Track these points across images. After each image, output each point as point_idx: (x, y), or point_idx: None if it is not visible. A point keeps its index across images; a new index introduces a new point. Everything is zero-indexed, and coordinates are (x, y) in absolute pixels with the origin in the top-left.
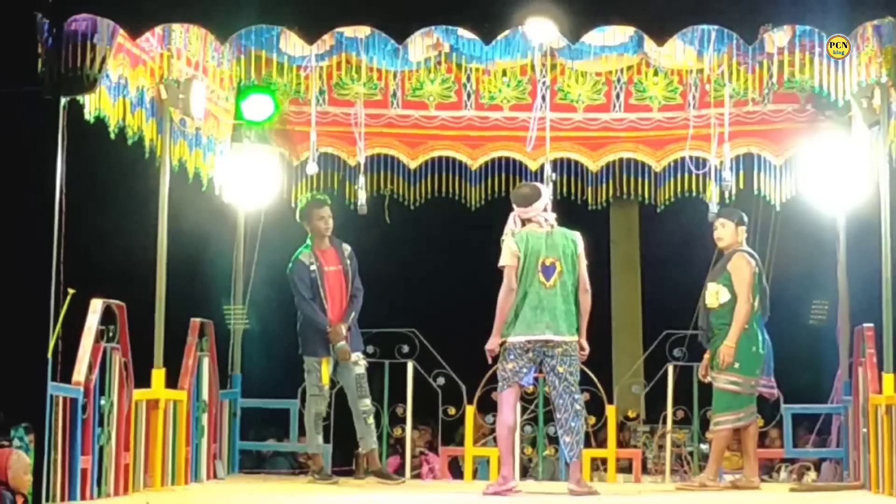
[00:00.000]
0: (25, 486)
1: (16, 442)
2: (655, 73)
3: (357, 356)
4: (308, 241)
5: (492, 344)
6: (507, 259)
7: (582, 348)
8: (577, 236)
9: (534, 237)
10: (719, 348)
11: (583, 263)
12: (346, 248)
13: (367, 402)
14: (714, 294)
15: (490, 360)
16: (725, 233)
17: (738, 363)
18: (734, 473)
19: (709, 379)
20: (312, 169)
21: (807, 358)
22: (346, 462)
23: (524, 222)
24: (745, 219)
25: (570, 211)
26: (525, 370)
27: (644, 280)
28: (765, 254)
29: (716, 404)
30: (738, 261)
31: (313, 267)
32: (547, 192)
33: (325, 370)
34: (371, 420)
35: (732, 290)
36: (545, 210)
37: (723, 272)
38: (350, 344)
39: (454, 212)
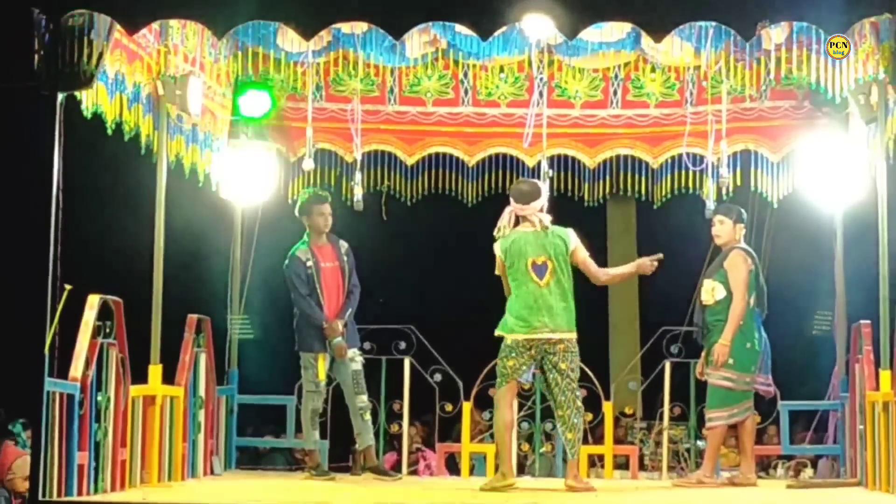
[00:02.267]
0: (18, 488)
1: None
2: (653, 70)
3: (353, 352)
4: (305, 238)
5: None
6: (497, 268)
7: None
8: (567, 233)
9: (519, 239)
10: (714, 346)
11: (582, 254)
12: (343, 244)
13: (364, 398)
14: (710, 291)
15: None
16: (723, 230)
17: (733, 359)
18: (731, 470)
19: (705, 376)
20: (308, 165)
21: (804, 355)
22: (342, 458)
23: (519, 219)
24: (744, 216)
25: (566, 207)
26: (525, 367)
27: (641, 277)
28: (761, 250)
29: (710, 401)
30: (735, 258)
31: (310, 263)
32: (546, 191)
33: (322, 366)
34: (368, 416)
35: (728, 286)
36: (542, 210)
37: (719, 269)
38: (346, 340)
39: (451, 208)
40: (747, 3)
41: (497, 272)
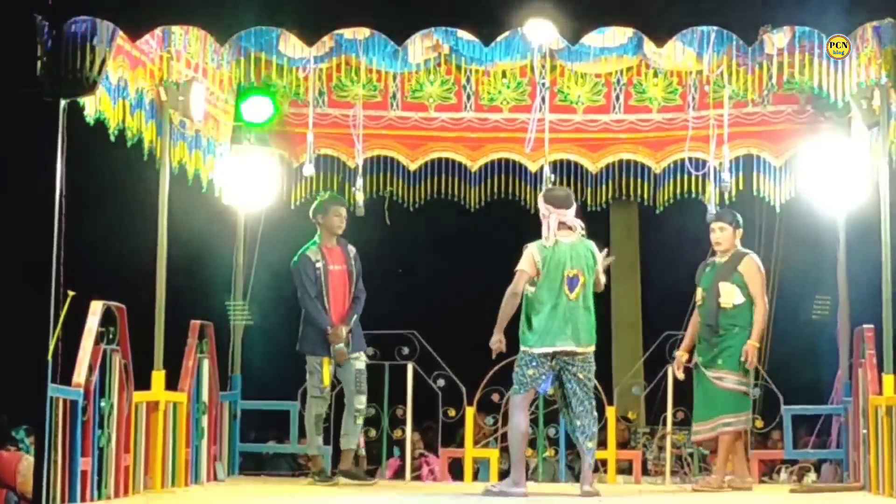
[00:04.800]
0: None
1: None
2: (655, 75)
3: (358, 354)
4: (316, 239)
5: (494, 342)
6: (524, 265)
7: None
8: (594, 246)
9: (560, 249)
10: (744, 347)
11: (601, 272)
12: (352, 249)
13: (363, 399)
14: (729, 294)
15: (494, 356)
16: (724, 236)
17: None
18: (728, 474)
19: (682, 375)
20: (309, 171)
21: (807, 358)
22: None
23: (560, 225)
24: (741, 221)
25: None
26: (544, 377)
27: (644, 281)
28: (770, 256)
29: (724, 405)
30: (751, 264)
31: (318, 264)
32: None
33: (327, 371)
34: (360, 421)
35: (745, 291)
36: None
37: (733, 273)
38: (352, 344)
39: (454, 213)
40: (749, 8)
41: (520, 268)
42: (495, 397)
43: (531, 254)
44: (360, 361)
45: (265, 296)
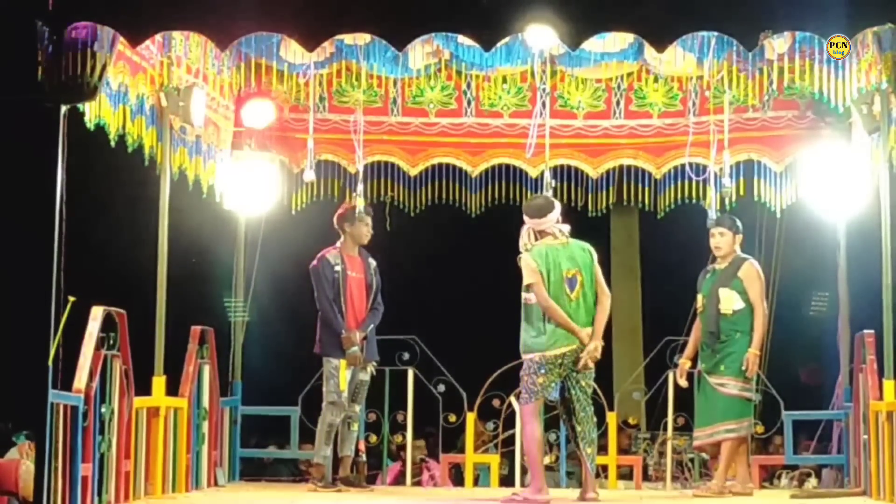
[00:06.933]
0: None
1: (15, 452)
2: (655, 80)
3: (365, 364)
4: (338, 244)
5: (599, 349)
6: (531, 276)
7: (595, 348)
8: (591, 248)
9: (553, 250)
10: (745, 355)
11: (599, 273)
12: (373, 262)
13: (357, 409)
14: (728, 300)
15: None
16: (724, 241)
17: (749, 371)
18: (729, 479)
19: (685, 383)
20: (309, 177)
21: (808, 363)
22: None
23: (538, 235)
24: (741, 226)
25: (570, 218)
26: (553, 385)
27: (644, 286)
28: (770, 261)
29: (726, 411)
30: (750, 270)
31: (337, 268)
32: (559, 203)
33: (343, 376)
34: (354, 427)
35: (745, 297)
36: (558, 222)
37: (733, 279)
38: (364, 353)
39: (454, 219)
40: (750, 14)
41: (530, 280)
42: (496, 403)
43: (528, 262)
44: (366, 373)
45: (266, 301)
